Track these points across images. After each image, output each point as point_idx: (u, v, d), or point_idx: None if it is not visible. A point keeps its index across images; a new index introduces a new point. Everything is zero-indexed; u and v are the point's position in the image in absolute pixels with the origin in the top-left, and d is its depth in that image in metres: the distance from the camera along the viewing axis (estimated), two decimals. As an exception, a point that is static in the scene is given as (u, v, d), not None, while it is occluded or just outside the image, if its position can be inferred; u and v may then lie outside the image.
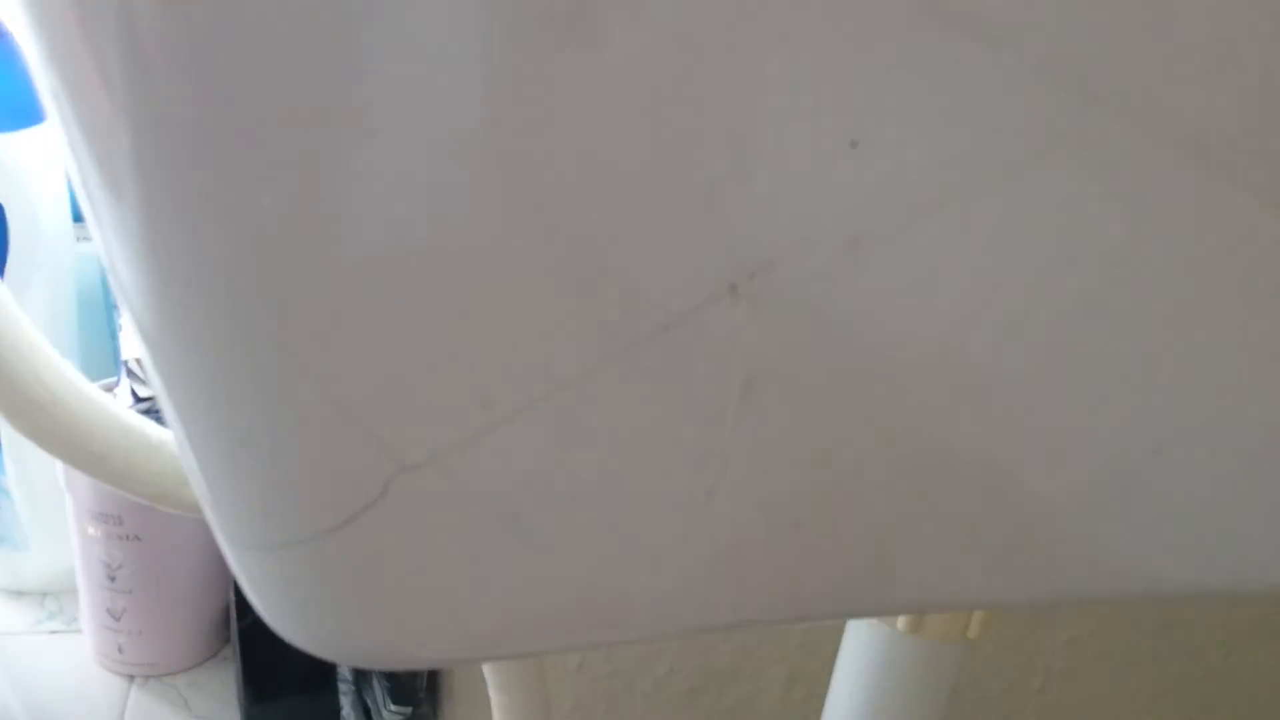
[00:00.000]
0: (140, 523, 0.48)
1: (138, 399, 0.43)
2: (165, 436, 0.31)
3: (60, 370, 0.29)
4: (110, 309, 0.53)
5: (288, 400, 0.18)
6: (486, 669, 0.36)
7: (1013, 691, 0.53)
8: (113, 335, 0.54)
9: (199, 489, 0.21)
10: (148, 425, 0.30)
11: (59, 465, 0.48)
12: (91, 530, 0.48)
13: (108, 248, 0.18)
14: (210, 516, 0.21)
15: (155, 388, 0.20)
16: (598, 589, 0.22)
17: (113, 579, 0.49)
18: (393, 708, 0.47)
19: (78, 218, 0.50)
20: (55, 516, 0.54)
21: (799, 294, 0.19)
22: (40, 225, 0.47)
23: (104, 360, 0.55)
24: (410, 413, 0.19)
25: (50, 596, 0.56)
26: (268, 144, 0.16)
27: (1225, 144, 0.16)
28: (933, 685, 0.35)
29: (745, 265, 0.18)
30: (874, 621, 0.34)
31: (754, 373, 0.20)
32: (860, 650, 0.36)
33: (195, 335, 0.18)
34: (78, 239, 0.51)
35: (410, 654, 0.22)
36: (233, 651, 0.48)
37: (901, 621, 0.33)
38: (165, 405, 0.20)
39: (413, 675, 0.46)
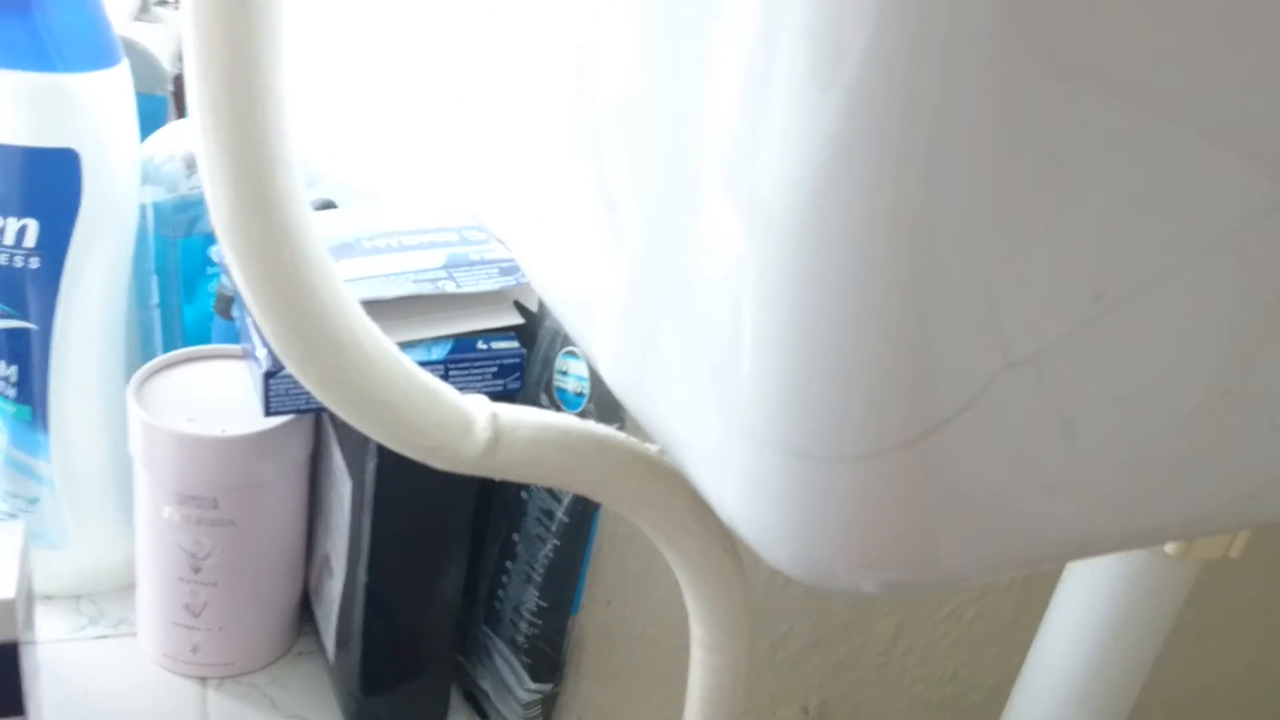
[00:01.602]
0: (236, 506, 0.44)
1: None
2: (444, 386, 0.29)
3: (355, 308, 0.27)
4: (160, 275, 0.49)
5: (926, 275, 0.18)
6: (699, 626, 0.36)
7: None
8: (161, 306, 0.50)
9: (756, 393, 0.20)
10: (427, 374, 0.28)
11: (136, 440, 0.44)
12: (172, 514, 0.44)
13: (752, 131, 0.17)
14: (763, 427, 0.20)
15: (743, 282, 0.19)
16: (1133, 495, 0.22)
17: (197, 570, 0.46)
18: (531, 686, 0.45)
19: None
20: (97, 511, 0.50)
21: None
22: (112, 176, 0.43)
23: (147, 332, 0.51)
24: (1033, 298, 0.19)
25: (85, 600, 0.51)
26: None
27: None
28: (1173, 604, 0.36)
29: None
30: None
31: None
32: (1100, 575, 0.37)
33: (848, 222, 0.17)
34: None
35: (943, 572, 0.21)
36: (350, 641, 0.45)
37: (1172, 545, 0.34)
38: (753, 292, 0.19)
39: (556, 651, 0.44)
